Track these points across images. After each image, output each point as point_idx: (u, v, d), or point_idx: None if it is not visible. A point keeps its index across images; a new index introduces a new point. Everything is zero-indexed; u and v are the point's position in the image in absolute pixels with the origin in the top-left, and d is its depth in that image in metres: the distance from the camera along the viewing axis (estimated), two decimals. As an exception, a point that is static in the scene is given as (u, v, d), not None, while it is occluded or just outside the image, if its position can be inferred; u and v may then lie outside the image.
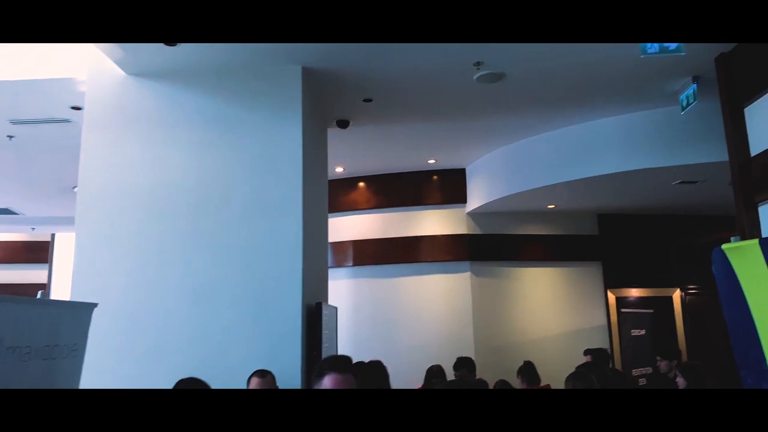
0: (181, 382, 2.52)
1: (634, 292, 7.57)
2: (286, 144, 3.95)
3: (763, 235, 3.91)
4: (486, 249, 7.25)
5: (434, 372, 5.99)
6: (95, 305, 2.84)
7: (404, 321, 7.23)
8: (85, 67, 4.17)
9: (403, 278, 7.36)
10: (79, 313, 2.88)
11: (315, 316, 3.87)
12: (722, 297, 2.87)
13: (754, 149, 3.84)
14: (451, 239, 7.28)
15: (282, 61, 4.02)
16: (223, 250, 3.80)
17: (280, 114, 4.00)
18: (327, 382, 2.11)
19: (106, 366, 3.57)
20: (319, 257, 4.55)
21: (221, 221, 3.86)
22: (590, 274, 7.43)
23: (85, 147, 4.03)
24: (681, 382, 4.38)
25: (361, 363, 4.32)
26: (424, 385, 6.05)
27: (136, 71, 4.10)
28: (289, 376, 3.51)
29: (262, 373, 3.19)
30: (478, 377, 6.23)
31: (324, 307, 4.05)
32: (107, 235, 3.88)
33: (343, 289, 7.47)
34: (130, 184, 3.95)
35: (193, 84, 4.07)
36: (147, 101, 4.09)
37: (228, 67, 4.05)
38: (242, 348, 3.60)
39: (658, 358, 5.25)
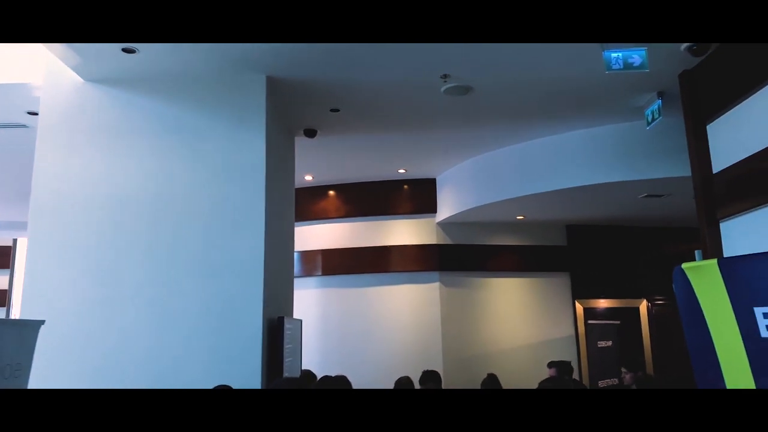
0: None
1: (602, 303, 7.62)
2: (248, 153, 3.87)
3: (725, 251, 3.95)
4: (455, 259, 7.23)
5: (403, 384, 5.93)
6: (42, 322, 2.72)
7: (373, 331, 7.16)
8: (42, 72, 4.03)
9: (372, 288, 7.29)
10: (24, 331, 2.75)
11: (276, 331, 3.78)
12: (682, 316, 2.87)
13: (717, 166, 3.88)
14: (420, 249, 7.24)
15: (245, 70, 3.94)
16: (182, 262, 3.70)
17: (243, 123, 3.92)
18: None
19: (55, 385, 3.43)
20: (283, 269, 4.46)
21: (180, 232, 3.75)
22: (558, 284, 7.47)
23: (40, 154, 3.89)
24: None
25: (327, 377, 4.25)
26: (392, 396, 5.99)
27: (93, 77, 3.97)
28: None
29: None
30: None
31: (287, 321, 3.97)
32: (61, 245, 3.74)
33: (311, 298, 7.38)
34: (85, 193, 3.82)
35: (153, 92, 3.97)
36: (105, 108, 3.96)
37: (189, 75, 3.95)
38: (200, 364, 3.49)
39: (623, 370, 5.29)
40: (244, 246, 3.71)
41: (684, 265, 2.79)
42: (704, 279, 2.67)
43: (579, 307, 7.41)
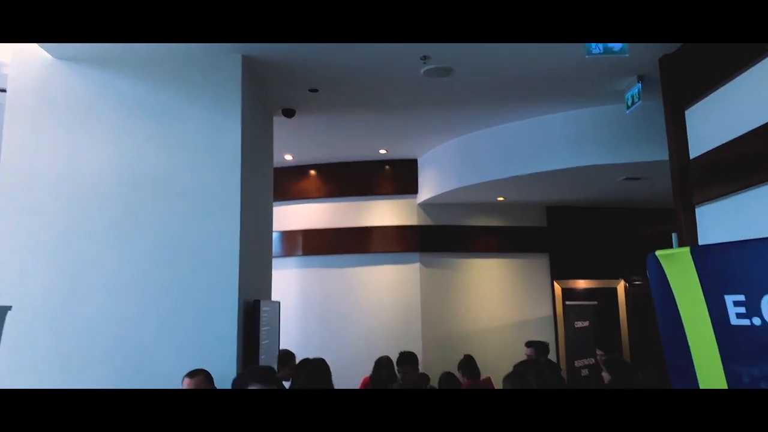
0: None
1: (580, 284, 7.71)
2: (223, 133, 3.79)
3: (700, 236, 3.99)
4: (436, 240, 7.24)
5: (383, 363, 5.97)
6: (9, 308, 2.67)
7: (353, 311, 7.18)
8: (10, 49, 3.89)
9: (353, 268, 7.29)
10: (-10, 317, 2.70)
11: (253, 314, 3.75)
12: (655, 302, 2.90)
13: (694, 152, 3.89)
14: (401, 230, 7.24)
15: (221, 49, 3.84)
16: (155, 244, 3.63)
17: (218, 102, 3.83)
18: None
19: (22, 371, 3.39)
20: (261, 250, 4.42)
21: (152, 214, 3.68)
22: (538, 265, 7.53)
23: (8, 133, 3.77)
24: (606, 377, 4.51)
25: (306, 360, 4.26)
26: (372, 375, 6.03)
27: (63, 55, 3.85)
28: (225, 376, 3.39)
29: (192, 374, 3.08)
30: (422, 370, 6.25)
31: (263, 303, 3.94)
32: (29, 227, 3.65)
33: (291, 278, 7.37)
34: (55, 173, 3.72)
35: (125, 70, 3.85)
36: (75, 87, 3.85)
37: (162, 54, 3.84)
38: (174, 348, 3.46)
39: (598, 351, 5.36)
40: (218, 228, 3.65)
41: (657, 253, 2.81)
42: (677, 266, 2.69)
43: (557, 288, 7.48)
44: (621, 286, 7.80)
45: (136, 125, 3.78)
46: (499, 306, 7.36)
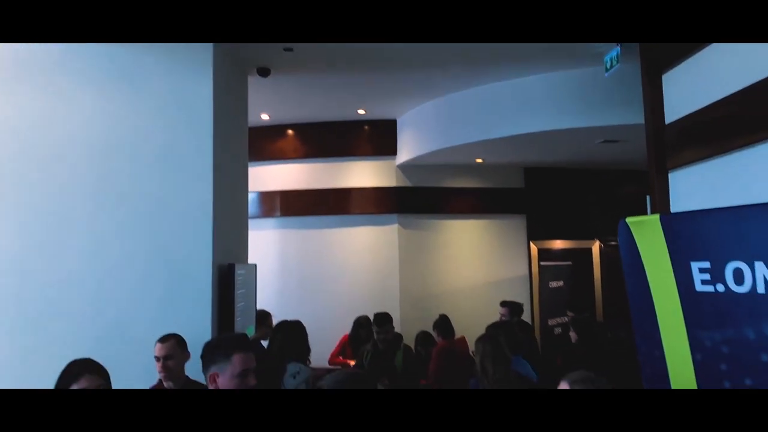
0: (72, 364, 2.37)
1: (556, 244, 7.81)
2: (195, 93, 3.69)
3: (672, 200, 4.04)
4: (414, 201, 7.25)
5: (361, 322, 6.06)
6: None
7: (332, 272, 7.22)
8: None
9: (331, 230, 7.29)
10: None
11: (227, 278, 3.74)
12: (624, 267, 2.95)
13: (669, 116, 3.90)
14: (380, 191, 7.22)
15: (191, 5, 3.70)
16: (126, 208, 3.58)
17: (190, 62, 3.72)
18: (238, 362, 2.18)
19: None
20: (236, 212, 4.38)
21: (124, 176, 3.61)
22: (515, 226, 7.59)
23: (-29, 93, 3.64)
24: (573, 336, 4.68)
25: (284, 321, 4.29)
26: (350, 334, 6.12)
27: (24, 9, 3.68)
28: (200, 340, 3.40)
29: (163, 339, 3.07)
30: (400, 330, 6.34)
31: (239, 267, 3.93)
32: (-2, 190, 3.57)
33: (270, 239, 7.35)
34: (22, 134, 3.62)
35: (90, 27, 3.71)
36: (41, 44, 3.70)
37: (131, 9, 3.69)
38: (149, 313, 3.45)
39: (569, 313, 5.50)
40: (191, 190, 3.59)
41: (628, 220, 2.84)
42: (646, 233, 2.72)
43: (534, 248, 7.57)
44: (596, 247, 7.92)
45: (108, 85, 3.67)
46: (476, 266, 7.44)
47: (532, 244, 7.57)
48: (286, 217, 7.36)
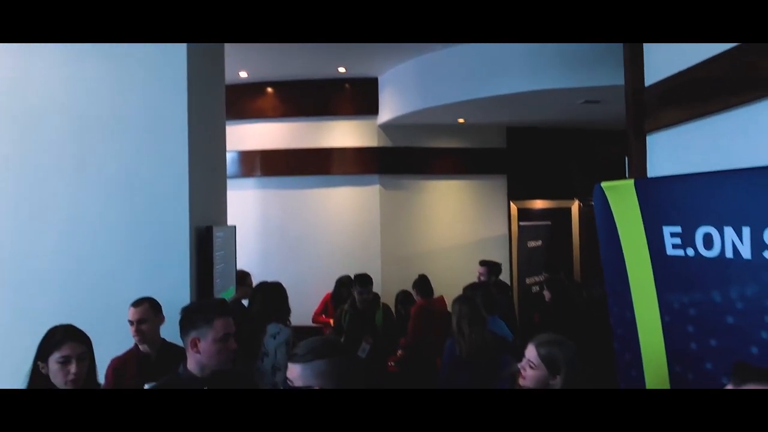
0: (54, 330, 2.37)
1: (536, 204, 7.87)
2: (167, 51, 3.58)
3: (649, 163, 4.07)
4: (395, 162, 7.22)
5: (343, 282, 6.12)
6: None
7: (313, 233, 7.23)
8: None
9: (312, 190, 7.27)
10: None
11: (205, 241, 3.73)
12: (599, 231, 2.99)
13: (649, 79, 3.88)
14: (361, 152, 7.17)
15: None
16: (99, 172, 3.50)
17: (162, 19, 3.59)
18: (219, 327, 2.21)
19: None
20: (213, 173, 4.32)
21: (96, 140, 3.52)
22: (495, 186, 7.62)
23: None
24: (547, 295, 4.81)
25: (264, 282, 4.31)
26: (333, 293, 6.18)
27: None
28: (179, 304, 3.41)
29: (136, 303, 3.05)
30: (381, 290, 6.42)
31: (217, 229, 3.91)
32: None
33: (250, 199, 7.31)
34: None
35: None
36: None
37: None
38: (128, 279, 3.41)
39: (544, 273, 5.60)
40: (165, 151, 3.51)
41: (603, 184, 2.86)
42: (621, 198, 2.75)
43: (514, 208, 7.63)
44: (575, 207, 8.00)
45: (76, 46, 3.55)
46: (457, 227, 7.50)
47: (512, 203, 7.62)
48: (266, 177, 7.30)
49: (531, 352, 2.34)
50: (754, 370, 1.27)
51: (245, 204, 7.14)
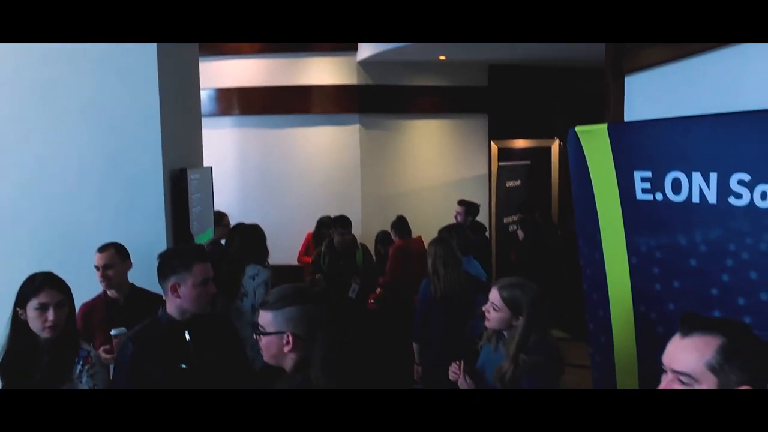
0: (33, 277, 2.37)
1: (517, 144, 7.86)
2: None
3: (627, 105, 4.05)
4: (375, 101, 7.11)
5: (324, 222, 6.16)
6: None
7: (292, 172, 7.18)
8: None
9: (291, 129, 7.17)
10: None
11: (179, 184, 3.68)
12: (572, 175, 3.02)
13: (630, 17, 3.81)
14: (340, 90, 7.04)
15: None
16: (68, 109, 3.41)
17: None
18: (199, 272, 2.25)
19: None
20: (187, 113, 4.22)
21: (63, 75, 3.40)
22: (477, 126, 7.56)
23: None
24: (520, 234, 4.92)
25: (240, 224, 4.32)
26: (314, 233, 6.22)
27: None
28: (155, 248, 3.41)
29: (101, 248, 3.03)
30: (361, 230, 6.48)
31: (192, 171, 3.86)
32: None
33: (228, 138, 7.20)
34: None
35: None
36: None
37: None
38: (102, 225, 3.35)
39: (519, 214, 5.67)
40: (134, 91, 3.40)
41: (577, 129, 2.87)
42: (594, 142, 2.76)
43: (494, 148, 7.61)
44: (555, 146, 8.00)
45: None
46: (437, 167, 7.49)
47: (493, 143, 7.59)
48: (244, 115, 7.17)
49: (494, 295, 2.45)
50: (700, 320, 1.32)
51: (223, 143, 7.05)
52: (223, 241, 4.65)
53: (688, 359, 1.27)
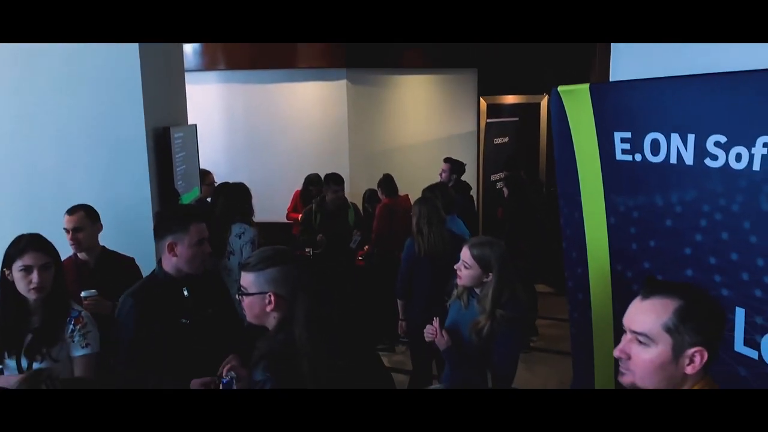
0: (20, 238, 2.37)
1: (507, 100, 7.80)
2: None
3: (612, 69, 4.03)
4: (363, 55, 6.99)
5: (312, 180, 6.16)
6: None
7: (280, 128, 7.13)
8: None
9: (278, 84, 7.07)
10: None
11: (163, 142, 3.66)
12: (554, 135, 3.02)
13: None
14: (327, 44, 6.92)
15: None
16: (48, 70, 3.35)
17: None
18: (195, 232, 2.27)
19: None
20: (169, 70, 4.15)
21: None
22: (465, 81, 7.49)
23: None
24: (505, 191, 4.99)
25: (225, 183, 4.33)
26: (301, 191, 6.23)
27: None
28: (140, 209, 3.43)
29: (71, 210, 2.97)
30: (349, 187, 6.48)
31: (175, 130, 3.84)
32: None
33: (214, 93, 7.11)
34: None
35: None
36: None
37: None
38: (87, 187, 3.35)
39: (504, 171, 5.70)
40: (114, 48, 3.34)
41: (560, 88, 2.86)
42: (576, 102, 2.76)
43: (483, 104, 7.56)
44: (545, 102, 7.95)
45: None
46: (426, 123, 7.45)
47: (482, 99, 7.54)
48: (229, 70, 7.05)
49: (465, 253, 2.55)
50: (660, 283, 1.37)
51: (208, 99, 6.95)
52: (209, 200, 4.67)
53: (646, 320, 1.33)
